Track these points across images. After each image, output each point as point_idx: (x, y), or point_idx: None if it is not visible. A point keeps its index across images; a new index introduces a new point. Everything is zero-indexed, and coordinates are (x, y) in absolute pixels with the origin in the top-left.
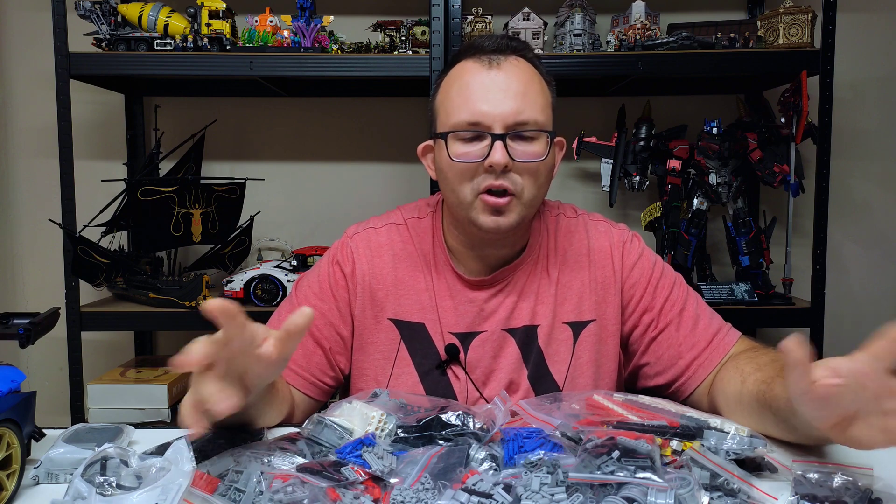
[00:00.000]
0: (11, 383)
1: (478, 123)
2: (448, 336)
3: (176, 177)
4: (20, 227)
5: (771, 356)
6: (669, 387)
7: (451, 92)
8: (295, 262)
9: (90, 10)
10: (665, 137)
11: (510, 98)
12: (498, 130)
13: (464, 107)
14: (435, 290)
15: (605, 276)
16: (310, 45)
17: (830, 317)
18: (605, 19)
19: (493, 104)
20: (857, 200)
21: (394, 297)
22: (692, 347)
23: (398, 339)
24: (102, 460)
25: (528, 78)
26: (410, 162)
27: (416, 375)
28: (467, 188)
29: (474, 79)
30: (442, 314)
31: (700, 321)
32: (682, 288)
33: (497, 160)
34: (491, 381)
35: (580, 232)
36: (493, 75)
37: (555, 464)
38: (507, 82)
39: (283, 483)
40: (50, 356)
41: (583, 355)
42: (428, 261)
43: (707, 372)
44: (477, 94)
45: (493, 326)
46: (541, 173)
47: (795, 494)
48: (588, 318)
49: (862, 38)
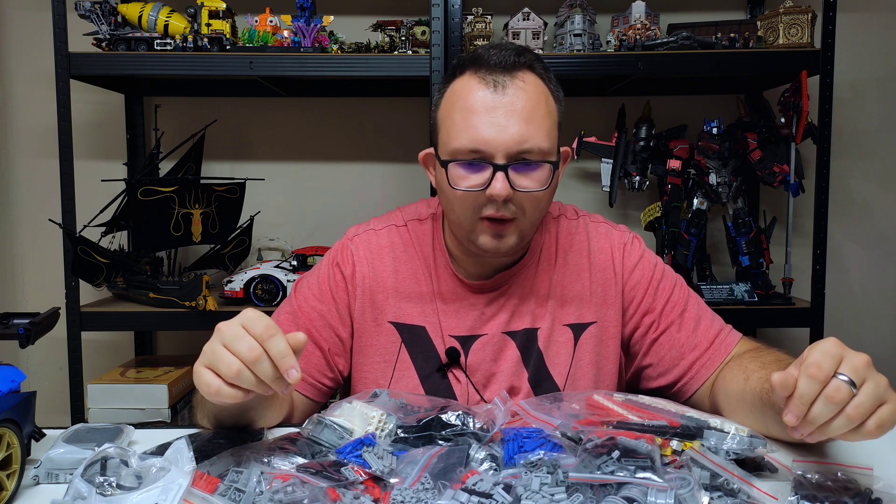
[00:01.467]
0: (11, 383)
1: (479, 151)
2: (449, 339)
3: (176, 177)
4: (20, 227)
5: (775, 355)
6: (672, 387)
7: (454, 112)
8: (295, 262)
9: (90, 10)
10: (665, 137)
11: (514, 124)
12: (500, 160)
13: (465, 133)
14: (436, 294)
15: (606, 278)
16: (310, 45)
17: (830, 317)
18: (605, 19)
19: (495, 131)
20: (857, 200)
21: (394, 300)
22: (694, 348)
23: (399, 341)
24: (102, 460)
25: (535, 101)
26: (410, 162)
27: (417, 378)
28: (467, 212)
29: (477, 101)
30: (443, 317)
31: (702, 322)
32: (682, 289)
33: (498, 192)
34: (491, 384)
35: (581, 234)
36: (498, 99)
37: (555, 464)
38: (512, 106)
39: (283, 483)
40: (50, 356)
41: (583, 357)
42: (428, 264)
43: (709, 372)
44: (480, 119)
45: (493, 330)
46: (543, 199)
47: (795, 494)
48: (589, 320)
49: (862, 38)
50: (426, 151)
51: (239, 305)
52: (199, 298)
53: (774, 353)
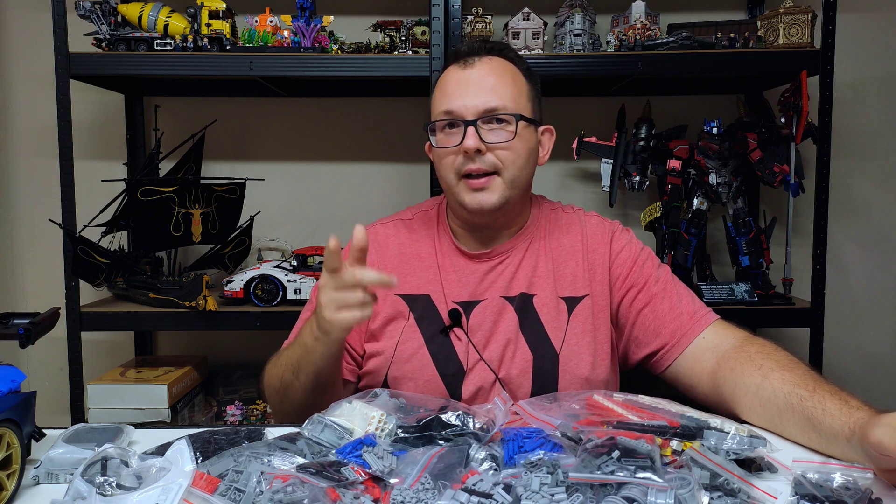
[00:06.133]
0: (11, 383)
1: (451, 112)
2: (451, 304)
3: (176, 177)
4: (20, 227)
5: (803, 370)
6: (654, 356)
7: (435, 93)
8: (295, 262)
9: (90, 10)
10: (665, 137)
11: (481, 91)
12: (469, 118)
13: (441, 101)
14: (439, 266)
15: (596, 257)
16: (310, 45)
17: (830, 317)
18: (605, 19)
19: (464, 96)
20: (857, 200)
21: (399, 277)
22: (675, 318)
23: (406, 310)
24: (102, 460)
25: (499, 72)
26: (410, 162)
27: (422, 339)
28: (451, 172)
29: (451, 78)
30: (446, 286)
31: (683, 299)
32: (665, 271)
33: (469, 144)
34: (490, 343)
35: (575, 224)
36: (467, 73)
37: (555, 464)
38: (479, 77)
39: (283, 483)
40: (50, 356)
41: (578, 326)
42: (433, 242)
43: (689, 341)
44: (451, 89)
45: (492, 294)
46: (519, 154)
47: (795, 494)
48: (582, 293)
49: (862, 38)
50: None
51: (239, 305)
52: (199, 298)
53: (783, 353)
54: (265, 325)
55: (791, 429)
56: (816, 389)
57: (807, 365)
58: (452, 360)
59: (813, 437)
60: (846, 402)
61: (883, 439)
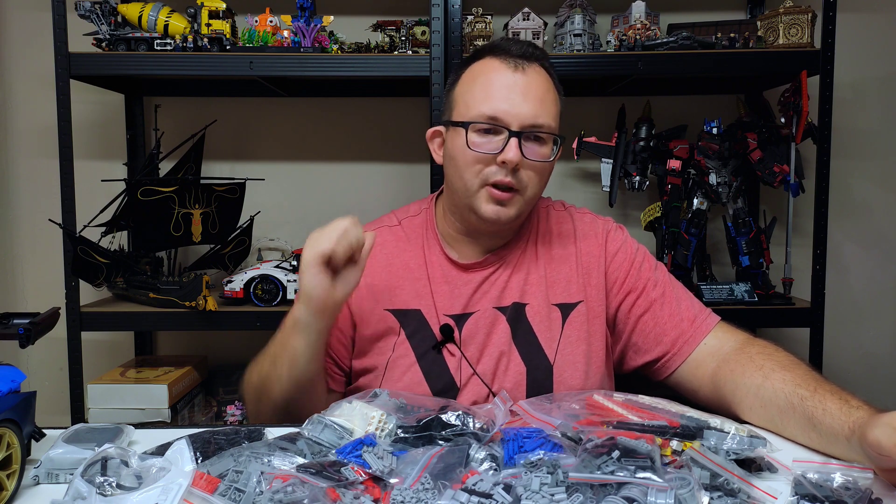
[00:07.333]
0: (11, 383)
1: (497, 119)
2: (443, 318)
3: (176, 177)
4: (20, 227)
5: (804, 370)
6: (655, 364)
7: (475, 85)
8: (295, 262)
9: (90, 10)
10: (665, 137)
11: (530, 101)
12: (515, 128)
13: (486, 101)
14: (430, 278)
15: (590, 260)
16: (310, 45)
17: (830, 317)
18: (605, 19)
19: (513, 104)
20: (857, 200)
21: (389, 290)
22: (677, 325)
23: (397, 326)
24: (102, 460)
25: (546, 87)
26: (410, 162)
27: (414, 356)
28: (475, 177)
29: (499, 78)
30: (437, 299)
31: (682, 302)
32: (663, 272)
33: (510, 157)
34: (483, 356)
35: (567, 223)
36: (518, 78)
37: (555, 464)
38: (529, 87)
39: (283, 483)
40: (50, 356)
41: (572, 334)
42: (421, 252)
43: (691, 349)
44: (500, 92)
45: (484, 305)
46: (543, 176)
47: (795, 494)
48: (576, 299)
49: (862, 38)
50: (435, 128)
51: (239, 305)
52: (199, 298)
53: (784, 354)
54: (265, 326)
55: (792, 429)
56: (817, 389)
57: (808, 365)
58: (445, 376)
59: (813, 437)
60: (846, 401)
61: (881, 439)
